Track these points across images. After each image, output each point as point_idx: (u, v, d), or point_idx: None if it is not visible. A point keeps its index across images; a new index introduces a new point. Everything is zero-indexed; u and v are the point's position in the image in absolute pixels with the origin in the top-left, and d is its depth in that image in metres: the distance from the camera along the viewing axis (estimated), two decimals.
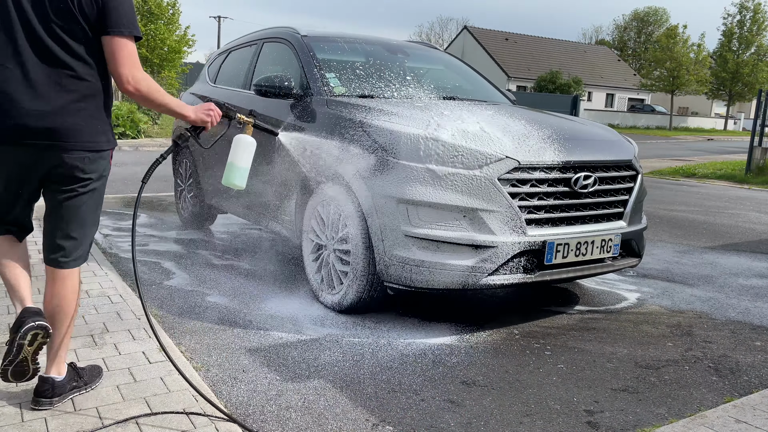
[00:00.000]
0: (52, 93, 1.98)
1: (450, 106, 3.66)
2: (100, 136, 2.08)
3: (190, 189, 5.40)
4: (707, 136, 35.79)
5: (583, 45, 56.29)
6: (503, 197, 3.03)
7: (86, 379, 2.29)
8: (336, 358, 2.85)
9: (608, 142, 3.66)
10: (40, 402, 2.13)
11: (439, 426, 2.29)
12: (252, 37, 5.04)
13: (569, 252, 3.19)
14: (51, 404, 2.13)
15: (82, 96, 2.02)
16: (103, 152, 2.11)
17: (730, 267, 4.99)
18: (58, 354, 2.15)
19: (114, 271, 3.87)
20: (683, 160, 16.81)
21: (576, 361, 2.97)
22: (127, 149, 13.29)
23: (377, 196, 3.11)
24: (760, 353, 3.17)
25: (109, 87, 2.14)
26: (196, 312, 3.38)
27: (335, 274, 3.45)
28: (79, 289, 2.18)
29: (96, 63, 2.05)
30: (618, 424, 2.37)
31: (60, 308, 2.12)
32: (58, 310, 2.12)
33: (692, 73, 40.24)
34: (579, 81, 38.79)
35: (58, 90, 1.99)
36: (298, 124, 3.79)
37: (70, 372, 2.23)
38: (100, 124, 2.08)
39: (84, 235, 2.15)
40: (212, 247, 4.89)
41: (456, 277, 3.02)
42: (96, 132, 2.07)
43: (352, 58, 4.32)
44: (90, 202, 2.13)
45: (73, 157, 2.02)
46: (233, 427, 2.10)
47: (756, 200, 9.39)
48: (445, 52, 5.31)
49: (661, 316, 3.69)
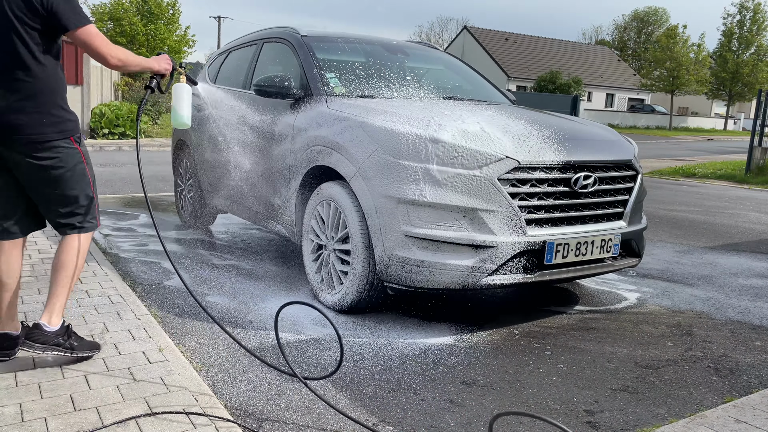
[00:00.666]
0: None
1: (450, 106, 3.66)
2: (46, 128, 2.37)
3: (190, 189, 5.40)
4: (707, 136, 35.80)
5: (583, 45, 56.29)
6: (503, 197, 3.03)
7: (75, 344, 2.49)
8: (336, 358, 2.85)
9: (608, 142, 3.66)
10: (25, 344, 2.39)
11: (439, 426, 2.29)
12: (252, 37, 5.05)
13: (569, 252, 3.19)
14: (31, 349, 2.39)
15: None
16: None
17: (730, 267, 4.99)
18: (51, 302, 2.44)
19: (114, 271, 3.87)
20: (683, 160, 16.82)
21: (576, 361, 2.97)
22: (127, 149, 13.28)
23: (377, 196, 3.11)
24: (760, 353, 3.17)
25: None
26: (196, 312, 3.38)
27: (335, 274, 3.46)
28: (80, 252, 2.48)
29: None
30: (618, 424, 2.37)
31: (59, 262, 2.46)
32: (57, 264, 2.46)
33: (692, 73, 40.25)
34: (579, 81, 38.78)
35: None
36: (299, 124, 3.79)
37: (62, 330, 2.45)
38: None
39: (70, 213, 2.47)
40: (212, 247, 4.89)
41: (456, 277, 3.02)
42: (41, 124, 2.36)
43: (352, 58, 4.32)
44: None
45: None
46: (233, 427, 2.10)
47: (756, 200, 9.40)
48: (445, 52, 5.31)
49: (661, 316, 3.70)
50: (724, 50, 43.55)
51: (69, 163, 2.43)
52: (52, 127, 2.37)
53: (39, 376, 2.38)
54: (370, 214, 3.15)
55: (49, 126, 2.36)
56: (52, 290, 2.45)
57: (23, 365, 2.46)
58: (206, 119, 5.06)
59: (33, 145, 2.33)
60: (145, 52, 26.39)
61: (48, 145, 2.36)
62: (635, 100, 50.44)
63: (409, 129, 3.14)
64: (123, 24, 26.07)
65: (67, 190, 2.44)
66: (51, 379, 2.36)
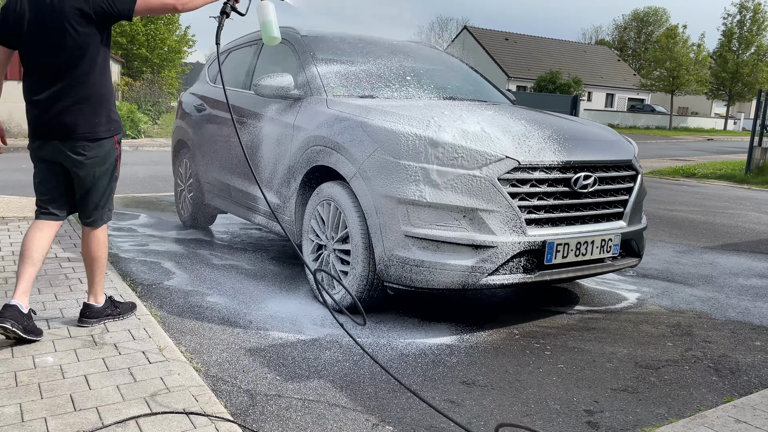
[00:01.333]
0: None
1: (450, 106, 3.66)
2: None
3: (190, 189, 5.40)
4: (707, 136, 35.78)
5: (583, 45, 56.28)
6: (503, 197, 3.03)
7: (121, 310, 3.05)
8: (336, 358, 2.85)
9: (608, 142, 3.66)
10: (83, 321, 2.93)
11: (439, 426, 2.29)
12: (252, 37, 5.04)
13: (569, 252, 3.19)
14: (89, 323, 2.92)
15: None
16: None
17: (730, 267, 4.99)
18: (93, 288, 2.95)
19: (114, 270, 3.87)
20: (683, 160, 16.82)
21: (576, 361, 2.97)
22: (127, 149, 13.28)
23: (377, 196, 3.11)
24: (760, 353, 3.17)
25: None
26: (196, 312, 3.38)
27: (335, 274, 3.46)
28: (104, 243, 2.95)
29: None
30: (618, 424, 2.37)
31: (92, 256, 2.91)
32: (91, 258, 2.92)
33: (692, 73, 40.25)
34: (579, 81, 38.77)
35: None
36: (299, 124, 3.79)
37: (107, 302, 3.01)
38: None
39: (99, 206, 2.88)
40: (212, 247, 4.89)
41: (456, 277, 3.02)
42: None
43: (352, 57, 4.32)
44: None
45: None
46: (233, 427, 2.10)
47: (756, 200, 9.40)
48: (445, 51, 5.31)
49: (661, 316, 3.70)
50: (724, 50, 43.55)
51: (108, 160, 2.83)
52: (102, 127, 2.76)
53: (39, 376, 2.38)
54: (370, 214, 3.15)
55: (99, 126, 2.75)
56: (91, 278, 2.95)
57: (23, 365, 2.46)
58: (206, 119, 5.06)
59: (85, 143, 2.72)
60: (145, 52, 26.40)
61: (98, 143, 2.76)
62: (635, 100, 50.42)
63: (409, 129, 3.14)
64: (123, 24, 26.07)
65: (102, 184, 2.86)
66: (51, 379, 2.36)
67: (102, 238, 2.94)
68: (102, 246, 2.94)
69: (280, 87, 3.83)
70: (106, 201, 2.90)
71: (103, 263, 2.96)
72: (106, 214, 2.93)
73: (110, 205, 2.95)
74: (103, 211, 2.90)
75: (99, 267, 2.94)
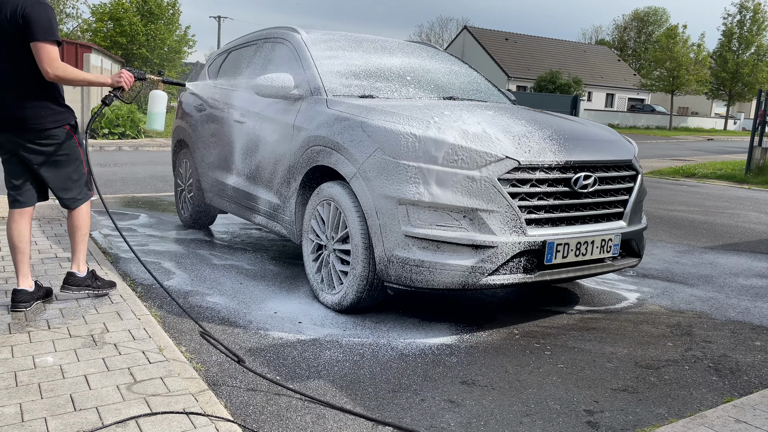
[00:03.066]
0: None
1: (450, 106, 3.66)
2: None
3: (190, 189, 5.40)
4: (707, 136, 35.78)
5: (583, 45, 56.27)
6: (503, 197, 3.03)
7: (101, 284, 3.32)
8: (336, 358, 2.86)
9: (608, 142, 3.66)
10: (65, 288, 3.20)
11: (439, 426, 2.29)
12: (252, 37, 5.04)
13: (569, 252, 3.19)
14: (71, 290, 3.21)
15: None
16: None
17: (730, 267, 4.99)
18: (76, 255, 3.22)
19: (114, 271, 3.87)
20: (683, 160, 16.82)
21: (576, 361, 2.97)
22: (127, 149, 13.29)
23: (377, 196, 3.11)
24: (760, 353, 3.17)
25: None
26: (196, 312, 3.38)
27: (335, 274, 3.46)
28: (86, 214, 3.22)
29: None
30: (618, 424, 2.37)
31: (75, 225, 3.20)
32: (73, 227, 3.20)
33: (692, 73, 40.22)
34: (579, 81, 38.76)
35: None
36: (299, 124, 3.79)
37: (89, 274, 3.28)
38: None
39: (69, 189, 3.14)
40: (212, 247, 4.89)
41: (456, 277, 3.02)
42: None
43: (352, 57, 4.31)
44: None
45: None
46: (233, 427, 2.10)
47: (756, 200, 9.40)
48: (445, 52, 5.30)
49: (661, 316, 3.70)
50: (724, 50, 43.53)
51: (64, 147, 3.07)
52: (48, 119, 3.00)
53: (39, 376, 2.38)
54: (370, 214, 3.15)
55: (45, 117, 2.99)
56: (74, 246, 3.22)
57: (23, 365, 2.47)
58: (206, 119, 5.06)
59: (35, 134, 2.98)
60: (145, 52, 26.41)
61: (47, 133, 3.01)
62: (635, 100, 50.42)
63: (409, 129, 3.13)
64: (123, 24, 26.08)
65: (65, 170, 3.11)
66: (51, 379, 2.36)
67: (83, 212, 3.20)
68: (83, 217, 3.20)
69: (280, 87, 3.82)
70: (73, 184, 3.13)
71: (85, 232, 3.23)
72: (80, 195, 3.17)
73: (82, 187, 3.18)
74: (74, 194, 3.15)
75: (81, 236, 3.21)
